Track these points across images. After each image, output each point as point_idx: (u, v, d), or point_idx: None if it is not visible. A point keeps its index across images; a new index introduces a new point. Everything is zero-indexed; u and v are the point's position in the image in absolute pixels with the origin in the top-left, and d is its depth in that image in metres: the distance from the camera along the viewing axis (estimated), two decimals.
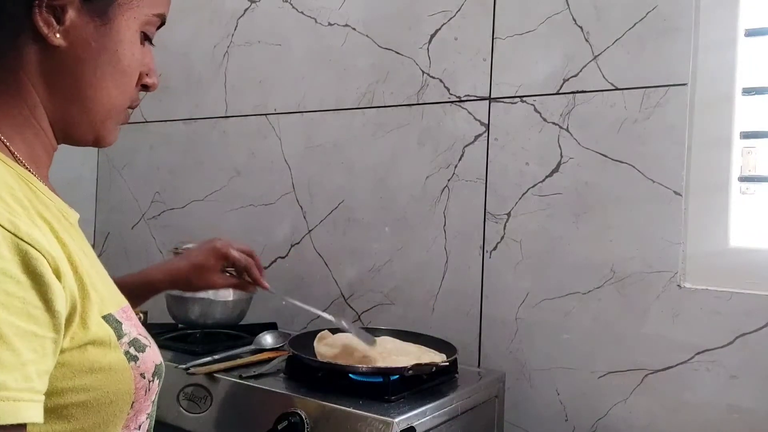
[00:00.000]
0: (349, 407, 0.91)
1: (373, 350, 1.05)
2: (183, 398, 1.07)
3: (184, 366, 1.07)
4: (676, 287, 1.10)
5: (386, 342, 1.13)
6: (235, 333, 1.34)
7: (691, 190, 1.11)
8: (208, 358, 1.12)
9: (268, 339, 1.25)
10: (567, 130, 1.21)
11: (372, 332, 1.21)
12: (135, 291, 0.97)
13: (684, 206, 1.10)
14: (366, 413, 0.89)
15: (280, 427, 0.91)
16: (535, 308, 1.24)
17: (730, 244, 1.08)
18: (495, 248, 1.29)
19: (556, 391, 1.21)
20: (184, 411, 1.06)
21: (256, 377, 1.04)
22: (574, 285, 1.20)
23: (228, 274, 1.03)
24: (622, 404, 1.15)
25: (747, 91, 1.07)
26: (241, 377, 1.03)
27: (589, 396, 1.18)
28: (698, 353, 1.08)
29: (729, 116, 1.08)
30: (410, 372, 0.96)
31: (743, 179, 1.09)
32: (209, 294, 1.27)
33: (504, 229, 1.28)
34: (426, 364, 0.99)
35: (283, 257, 1.60)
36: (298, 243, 1.57)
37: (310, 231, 1.55)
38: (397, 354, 1.06)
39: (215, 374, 1.05)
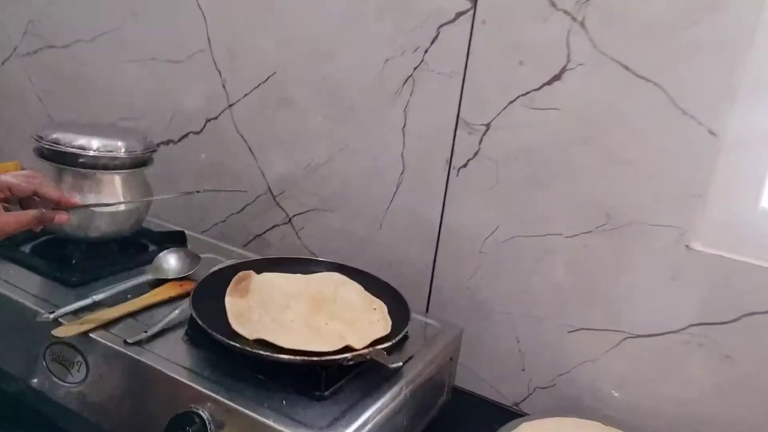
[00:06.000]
0: (267, 415, 0.69)
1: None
2: (50, 359, 0.82)
3: (48, 315, 0.81)
4: (683, 247, 0.89)
5: (332, 277, 0.92)
6: (128, 248, 1.05)
7: (729, 132, 0.85)
8: (87, 301, 0.86)
9: (171, 262, 0.98)
10: (582, 24, 0.90)
11: (311, 265, 0.98)
12: None
13: (717, 150, 0.86)
14: (290, 421, 0.68)
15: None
16: (505, 244, 1.02)
17: (760, 206, 0.86)
18: (465, 165, 1.02)
19: (516, 339, 1.04)
20: (54, 378, 0.82)
21: (148, 341, 0.79)
22: (557, 225, 0.97)
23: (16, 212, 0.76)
24: (590, 363, 0.99)
25: None
26: (126, 343, 0.78)
27: (554, 349, 1.01)
28: (692, 325, 0.91)
29: None
30: (350, 362, 0.74)
31: None
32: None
33: (479, 143, 1.00)
34: (371, 350, 0.76)
35: (196, 133, 1.28)
36: (215, 118, 1.24)
37: (231, 105, 1.22)
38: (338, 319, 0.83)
39: (90, 334, 0.79)
